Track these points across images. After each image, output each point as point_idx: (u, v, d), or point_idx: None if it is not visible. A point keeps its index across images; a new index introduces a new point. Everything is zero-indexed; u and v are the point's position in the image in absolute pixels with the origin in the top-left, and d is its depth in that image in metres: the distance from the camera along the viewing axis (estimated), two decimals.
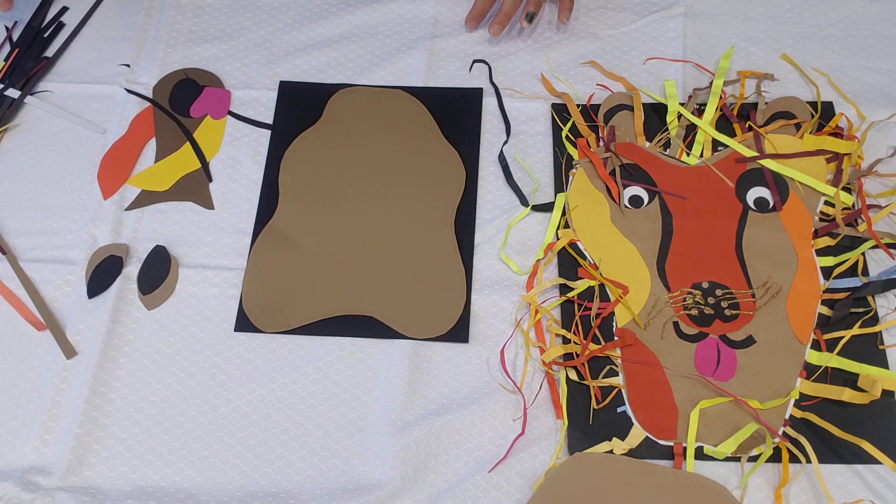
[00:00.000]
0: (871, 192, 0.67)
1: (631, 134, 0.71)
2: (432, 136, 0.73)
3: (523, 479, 0.58)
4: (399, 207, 0.69)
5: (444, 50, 0.78)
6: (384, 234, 0.68)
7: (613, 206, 0.68)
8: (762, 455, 0.56)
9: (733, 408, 0.59)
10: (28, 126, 0.76)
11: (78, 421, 0.61)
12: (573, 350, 0.62)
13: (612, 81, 0.75)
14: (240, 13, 0.82)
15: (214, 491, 0.59)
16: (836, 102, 0.72)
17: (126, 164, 0.73)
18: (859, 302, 0.62)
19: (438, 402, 0.61)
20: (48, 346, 0.65)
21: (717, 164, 0.69)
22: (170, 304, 0.66)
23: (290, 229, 0.69)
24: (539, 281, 0.65)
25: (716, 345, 0.61)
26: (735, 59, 0.75)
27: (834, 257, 0.64)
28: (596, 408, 0.60)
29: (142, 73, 0.79)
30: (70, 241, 0.70)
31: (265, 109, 0.76)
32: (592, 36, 0.78)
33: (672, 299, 0.63)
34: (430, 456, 0.59)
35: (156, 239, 0.69)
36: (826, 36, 0.76)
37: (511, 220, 0.68)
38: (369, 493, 0.57)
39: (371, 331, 0.64)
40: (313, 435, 0.60)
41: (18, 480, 0.58)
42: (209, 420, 0.61)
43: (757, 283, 0.64)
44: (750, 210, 0.67)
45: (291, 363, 0.63)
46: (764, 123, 0.71)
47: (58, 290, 0.67)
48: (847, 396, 0.58)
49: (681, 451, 0.58)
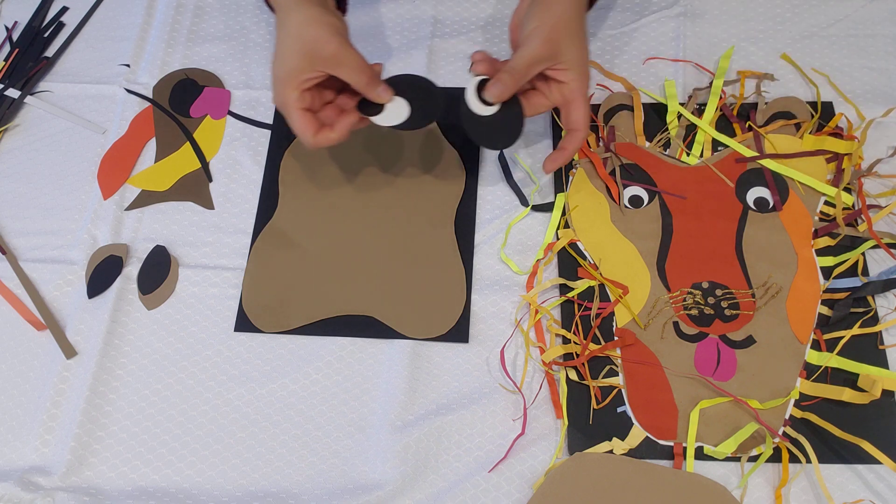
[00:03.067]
0: (871, 192, 0.67)
1: (631, 134, 0.71)
2: (432, 136, 0.73)
3: (523, 479, 0.58)
4: (399, 207, 0.69)
5: (444, 50, 0.78)
6: (384, 234, 0.68)
7: (613, 206, 0.68)
8: (762, 455, 0.56)
9: (733, 408, 0.59)
10: (28, 126, 0.76)
11: (78, 421, 0.61)
12: (573, 350, 0.62)
13: (612, 81, 0.75)
14: (240, 13, 0.82)
15: (214, 491, 0.59)
16: (836, 102, 0.72)
17: (126, 164, 0.73)
18: (859, 302, 0.62)
19: (438, 402, 0.61)
20: (48, 346, 0.65)
21: (717, 164, 0.69)
22: (170, 304, 0.66)
23: (290, 229, 0.69)
24: (539, 281, 0.65)
25: (716, 345, 0.61)
26: (735, 59, 0.75)
27: (834, 257, 0.64)
28: (596, 408, 0.60)
29: (142, 73, 0.79)
30: (70, 241, 0.70)
31: (265, 109, 0.76)
32: (592, 36, 0.78)
33: (672, 299, 0.63)
34: (430, 456, 0.59)
35: (156, 239, 0.69)
36: (826, 36, 0.76)
37: (511, 220, 0.68)
38: (369, 493, 0.57)
39: (371, 331, 0.64)
40: (313, 435, 0.60)
41: (18, 480, 0.58)
42: (209, 420, 0.61)
43: (757, 283, 0.64)
44: (750, 210, 0.67)
45: (291, 363, 0.63)
46: (764, 123, 0.71)
47: (58, 290, 0.67)
48: (847, 396, 0.58)
49: (681, 451, 0.58)
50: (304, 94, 0.59)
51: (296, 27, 0.59)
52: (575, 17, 0.61)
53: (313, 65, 0.58)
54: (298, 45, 0.58)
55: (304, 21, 0.58)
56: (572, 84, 0.61)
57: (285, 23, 0.60)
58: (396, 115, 0.62)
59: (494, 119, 0.61)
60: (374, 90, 0.60)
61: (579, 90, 0.61)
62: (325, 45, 0.58)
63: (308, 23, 0.58)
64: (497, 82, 0.60)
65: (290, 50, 0.59)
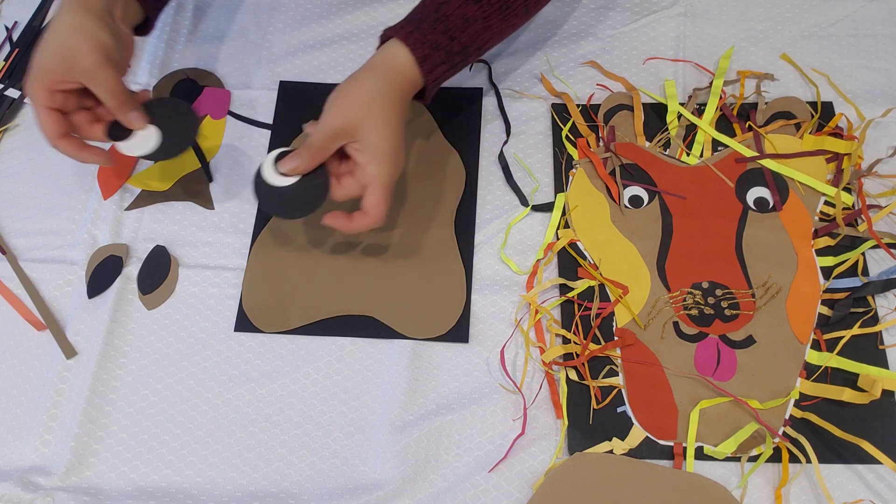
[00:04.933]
0: (871, 192, 0.67)
1: (631, 134, 0.71)
2: (432, 136, 0.73)
3: (523, 479, 0.58)
4: (399, 207, 0.69)
5: None
6: (384, 234, 0.68)
7: (613, 206, 0.68)
8: (762, 455, 0.56)
9: (733, 408, 0.59)
10: (28, 126, 0.76)
11: (78, 421, 0.61)
12: (573, 350, 0.62)
13: (612, 81, 0.75)
14: (240, 13, 0.82)
15: (214, 491, 0.59)
16: (835, 102, 0.72)
17: (126, 164, 0.73)
18: (859, 302, 0.62)
19: (438, 402, 0.61)
20: (48, 346, 0.65)
21: (717, 164, 0.69)
22: (170, 304, 0.66)
23: (290, 229, 0.69)
24: (539, 281, 0.65)
25: (716, 345, 0.61)
26: (735, 59, 0.75)
27: (834, 257, 0.64)
28: (596, 408, 0.60)
29: (142, 73, 0.78)
30: (70, 241, 0.70)
31: (265, 109, 0.76)
32: (592, 36, 0.78)
33: (672, 299, 0.63)
34: (430, 456, 0.59)
35: (156, 239, 0.69)
36: (826, 36, 0.76)
37: (511, 220, 0.68)
38: (369, 493, 0.57)
39: (371, 331, 0.64)
40: (313, 435, 0.60)
41: (18, 480, 0.58)
42: (209, 420, 0.61)
43: (757, 283, 0.64)
44: (750, 210, 0.67)
45: (291, 363, 0.63)
46: (764, 123, 0.71)
47: (58, 290, 0.67)
48: (847, 396, 0.58)
49: (681, 451, 0.58)
50: (54, 93, 0.58)
51: (63, 29, 0.58)
52: (382, 94, 0.58)
53: (68, 72, 0.57)
54: (59, 48, 0.58)
55: (72, 27, 0.57)
56: (368, 168, 0.58)
57: (58, 20, 0.59)
58: (143, 146, 0.62)
59: (291, 190, 0.59)
60: (125, 114, 0.60)
61: (375, 177, 0.58)
62: (82, 59, 0.57)
63: (74, 30, 0.57)
64: (294, 156, 0.58)
65: (51, 50, 0.58)
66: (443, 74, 0.62)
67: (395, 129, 0.58)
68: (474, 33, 0.61)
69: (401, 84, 0.59)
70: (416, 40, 0.59)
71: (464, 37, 0.61)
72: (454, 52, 0.61)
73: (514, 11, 0.63)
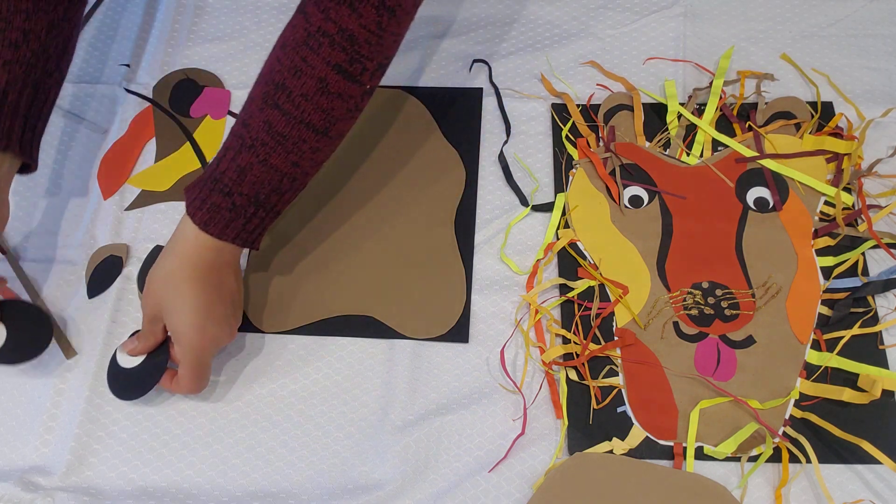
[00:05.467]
0: (870, 192, 0.67)
1: (631, 134, 0.71)
2: (432, 136, 0.73)
3: (523, 479, 0.58)
4: (399, 207, 0.69)
5: (444, 50, 0.78)
6: (384, 234, 0.68)
7: (613, 206, 0.68)
8: (762, 455, 0.56)
9: (733, 408, 0.59)
10: None
11: (78, 421, 0.61)
12: (573, 350, 0.62)
13: (612, 81, 0.75)
14: (240, 13, 0.82)
15: (214, 491, 0.59)
16: (835, 102, 0.72)
17: (126, 164, 0.73)
18: (859, 302, 0.62)
19: (438, 402, 0.61)
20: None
21: (717, 164, 0.69)
22: None
23: (290, 229, 0.69)
24: (539, 281, 0.65)
25: (716, 345, 0.61)
26: (735, 59, 0.75)
27: (834, 257, 0.64)
28: (596, 408, 0.60)
29: (142, 73, 0.79)
30: (70, 241, 0.70)
31: None
32: (592, 36, 0.78)
33: (672, 299, 0.63)
34: (430, 456, 0.59)
35: (156, 239, 0.69)
36: (826, 36, 0.76)
37: (511, 220, 0.68)
38: (369, 493, 0.57)
39: (371, 331, 0.64)
40: (313, 435, 0.60)
41: (18, 480, 0.58)
42: (209, 420, 0.61)
43: (757, 283, 0.64)
44: (750, 210, 0.67)
45: (291, 363, 0.63)
46: (764, 123, 0.71)
47: (58, 290, 0.67)
48: (847, 396, 0.58)
49: (681, 451, 0.58)
50: None
51: None
52: (175, 274, 0.56)
53: None
54: None
55: None
56: (176, 346, 0.58)
57: None
58: None
59: (137, 370, 0.59)
60: None
61: (180, 354, 0.57)
62: None
63: None
64: (134, 338, 0.59)
65: None
66: (245, 227, 0.57)
67: (193, 307, 0.56)
68: (255, 181, 0.56)
69: (195, 256, 0.57)
70: (195, 207, 0.56)
71: (243, 188, 0.56)
72: (240, 205, 0.56)
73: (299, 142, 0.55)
